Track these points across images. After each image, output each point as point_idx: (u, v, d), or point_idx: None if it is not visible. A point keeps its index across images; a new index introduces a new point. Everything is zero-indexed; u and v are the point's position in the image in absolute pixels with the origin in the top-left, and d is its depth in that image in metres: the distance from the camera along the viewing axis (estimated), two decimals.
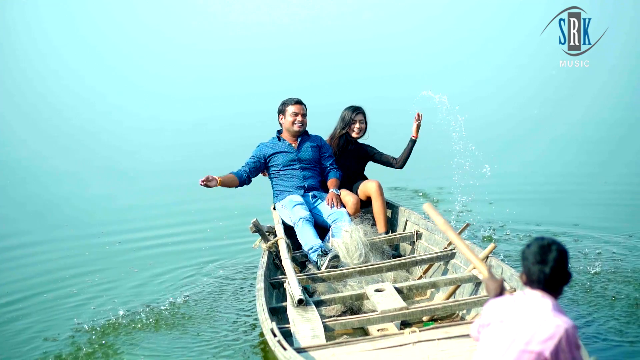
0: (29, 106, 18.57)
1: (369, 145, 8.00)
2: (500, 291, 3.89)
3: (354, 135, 7.84)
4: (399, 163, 7.94)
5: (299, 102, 7.55)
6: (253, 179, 7.53)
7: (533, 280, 3.62)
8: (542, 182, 10.45)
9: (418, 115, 7.90)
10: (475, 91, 16.91)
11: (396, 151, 7.95)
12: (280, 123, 7.62)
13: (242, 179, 7.39)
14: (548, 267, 3.58)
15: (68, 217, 10.05)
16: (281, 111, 7.57)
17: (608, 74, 17.67)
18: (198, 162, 12.71)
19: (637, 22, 24.92)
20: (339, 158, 7.81)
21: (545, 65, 18.31)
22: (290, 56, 24.47)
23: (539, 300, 3.61)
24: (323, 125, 8.08)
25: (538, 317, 3.56)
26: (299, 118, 7.52)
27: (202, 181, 7.07)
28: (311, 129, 7.79)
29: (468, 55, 22.12)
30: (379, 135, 8.23)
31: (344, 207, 7.41)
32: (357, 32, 29.12)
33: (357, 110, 7.83)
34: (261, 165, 7.53)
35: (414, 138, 7.88)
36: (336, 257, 6.78)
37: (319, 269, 6.77)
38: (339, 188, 7.59)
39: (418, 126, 7.89)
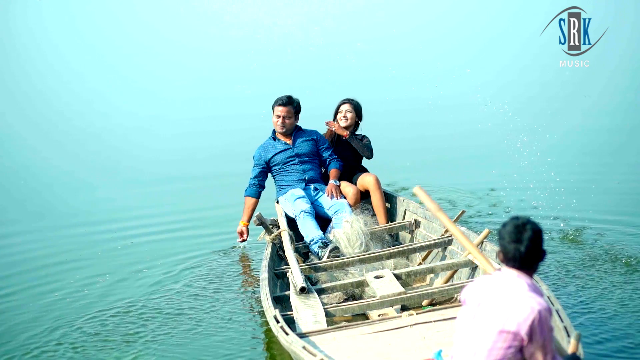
0: (30, 105, 18.74)
1: (365, 136, 8.14)
2: None
3: (342, 124, 8.04)
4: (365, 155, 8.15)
5: (282, 104, 7.75)
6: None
7: (509, 259, 3.79)
8: (544, 177, 10.54)
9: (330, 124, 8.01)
10: (477, 92, 16.96)
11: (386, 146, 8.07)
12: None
13: (259, 195, 7.84)
14: (523, 246, 3.74)
15: (69, 215, 10.20)
16: (272, 111, 7.86)
17: (608, 74, 17.63)
18: (198, 161, 12.87)
19: (637, 22, 24.80)
20: (335, 149, 8.03)
21: (545, 66, 18.32)
22: (293, 57, 24.56)
23: (515, 280, 3.77)
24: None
25: (514, 298, 3.71)
26: (280, 121, 7.75)
27: (240, 240, 7.84)
28: (318, 129, 8.10)
29: (468, 56, 22.15)
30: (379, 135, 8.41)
31: (345, 198, 7.65)
32: (357, 33, 29.18)
33: (342, 101, 8.08)
34: (266, 171, 7.86)
35: (345, 137, 8.02)
36: (336, 248, 7.01)
37: (320, 259, 7.01)
38: (340, 179, 7.84)
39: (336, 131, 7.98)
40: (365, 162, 8.21)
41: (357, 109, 8.06)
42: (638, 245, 7.80)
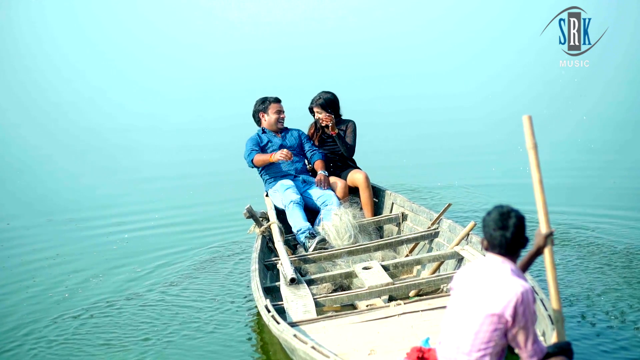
0: (32, 103, 18.76)
1: (349, 124, 8.11)
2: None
3: (322, 124, 8.12)
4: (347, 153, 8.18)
5: (279, 100, 7.98)
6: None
7: (495, 245, 3.94)
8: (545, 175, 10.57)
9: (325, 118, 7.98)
10: (479, 92, 17.05)
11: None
12: (261, 120, 7.98)
13: None
14: (509, 232, 3.90)
15: (69, 211, 10.27)
16: (263, 109, 7.94)
17: (608, 74, 17.67)
18: (198, 159, 12.94)
19: (637, 22, 24.83)
20: (330, 144, 8.10)
21: (545, 66, 18.38)
22: (293, 56, 24.61)
23: (500, 265, 3.93)
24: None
25: (499, 281, 3.86)
26: (282, 115, 7.95)
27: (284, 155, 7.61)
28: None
29: (469, 57, 22.23)
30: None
31: (333, 191, 7.78)
32: (358, 33, 29.25)
33: (311, 102, 8.08)
34: (261, 150, 7.87)
35: (333, 134, 8.06)
36: (323, 240, 7.14)
37: (306, 250, 7.13)
38: (329, 173, 7.97)
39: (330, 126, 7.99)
40: (355, 157, 8.28)
41: (325, 105, 8.00)
42: (632, 241, 7.89)
